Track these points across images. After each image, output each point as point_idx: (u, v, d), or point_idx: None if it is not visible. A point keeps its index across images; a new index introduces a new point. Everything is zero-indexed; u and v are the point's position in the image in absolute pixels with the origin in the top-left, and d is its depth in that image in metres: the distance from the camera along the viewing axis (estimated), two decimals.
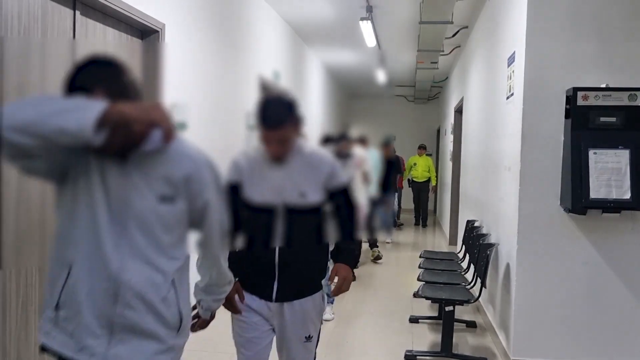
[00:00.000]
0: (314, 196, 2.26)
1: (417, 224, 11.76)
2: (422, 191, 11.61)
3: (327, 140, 5.48)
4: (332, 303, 5.03)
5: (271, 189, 2.24)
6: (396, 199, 10.09)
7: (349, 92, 14.17)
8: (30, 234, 2.83)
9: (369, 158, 5.87)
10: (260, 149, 2.26)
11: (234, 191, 2.26)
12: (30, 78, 2.80)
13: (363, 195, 5.67)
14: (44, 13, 2.91)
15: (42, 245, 2.90)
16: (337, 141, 5.38)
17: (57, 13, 3.01)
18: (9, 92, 2.66)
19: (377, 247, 7.77)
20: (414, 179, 11.59)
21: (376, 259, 7.65)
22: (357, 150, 5.75)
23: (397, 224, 10.96)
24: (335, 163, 2.34)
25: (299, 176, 2.25)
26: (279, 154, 2.20)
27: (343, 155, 5.35)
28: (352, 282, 2.87)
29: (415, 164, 11.54)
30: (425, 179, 11.54)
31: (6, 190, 2.65)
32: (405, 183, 11.69)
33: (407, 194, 11.84)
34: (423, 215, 11.68)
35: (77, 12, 3.17)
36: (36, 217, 2.86)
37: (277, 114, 2.13)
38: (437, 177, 12.23)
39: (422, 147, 11.72)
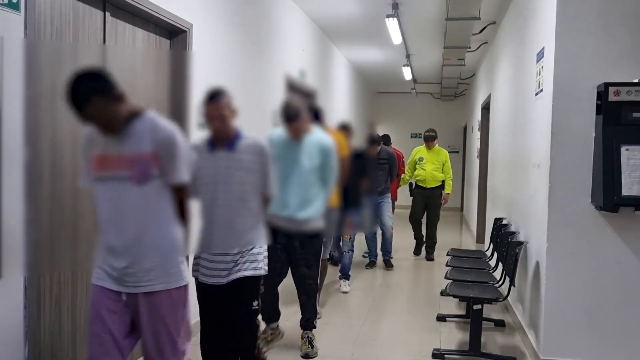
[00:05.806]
0: None
1: (417, 252, 7.73)
2: (431, 202, 7.47)
3: None
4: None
5: None
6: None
7: (375, 89, 14.13)
8: (64, 234, 2.90)
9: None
10: None
11: None
12: (63, 81, 2.86)
13: None
14: (75, 15, 2.97)
15: (74, 247, 2.97)
16: None
17: (87, 15, 3.07)
18: (44, 95, 2.73)
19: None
20: (419, 183, 7.56)
21: (305, 355, 3.87)
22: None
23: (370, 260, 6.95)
24: None
25: None
26: None
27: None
28: (378, 281, 2.83)
29: (421, 159, 7.52)
30: (437, 184, 7.47)
31: (41, 191, 2.72)
32: (400, 188, 7.78)
33: (406, 200, 8.17)
34: (429, 242, 7.54)
35: (107, 14, 3.23)
36: (69, 217, 2.93)
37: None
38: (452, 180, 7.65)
39: (429, 137, 7.45)
